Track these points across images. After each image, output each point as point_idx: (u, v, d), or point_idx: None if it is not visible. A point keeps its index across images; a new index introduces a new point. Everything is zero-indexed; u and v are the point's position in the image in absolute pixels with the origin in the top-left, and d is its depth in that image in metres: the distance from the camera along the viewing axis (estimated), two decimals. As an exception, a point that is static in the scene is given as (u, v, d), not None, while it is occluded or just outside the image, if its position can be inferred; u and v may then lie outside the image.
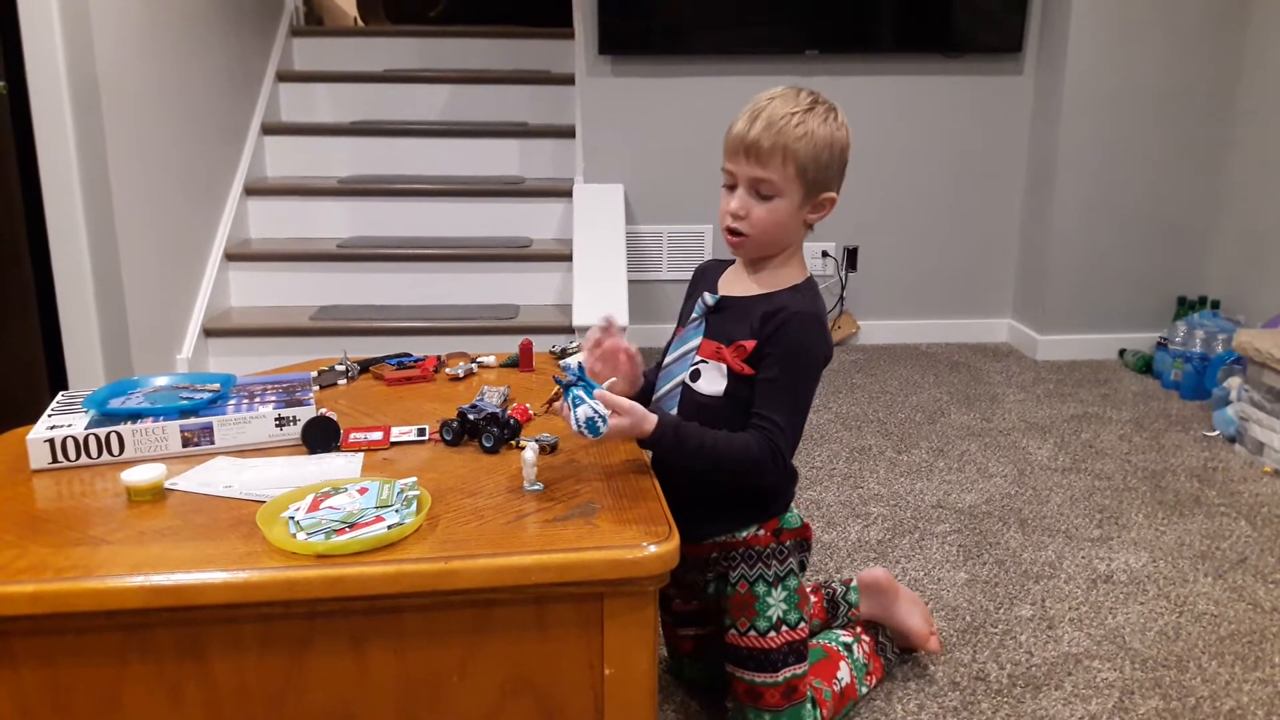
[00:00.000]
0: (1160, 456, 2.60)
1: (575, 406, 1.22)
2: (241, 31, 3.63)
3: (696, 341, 1.38)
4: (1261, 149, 3.22)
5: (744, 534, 1.39)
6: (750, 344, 1.32)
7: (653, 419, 1.25)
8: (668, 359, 1.43)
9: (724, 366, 1.34)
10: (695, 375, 1.37)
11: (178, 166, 3.04)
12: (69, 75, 2.38)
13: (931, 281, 3.70)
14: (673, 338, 1.46)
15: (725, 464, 1.28)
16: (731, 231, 1.34)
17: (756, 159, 1.29)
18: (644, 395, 1.46)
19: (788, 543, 1.41)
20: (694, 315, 1.41)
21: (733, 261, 1.46)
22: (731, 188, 1.34)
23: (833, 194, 1.34)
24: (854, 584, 1.62)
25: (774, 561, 1.39)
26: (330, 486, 1.19)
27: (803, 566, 1.45)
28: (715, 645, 1.49)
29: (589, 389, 1.22)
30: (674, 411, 1.38)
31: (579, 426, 1.21)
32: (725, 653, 1.42)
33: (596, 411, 1.21)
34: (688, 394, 1.37)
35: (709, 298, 1.39)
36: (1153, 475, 2.47)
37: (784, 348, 1.30)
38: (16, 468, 1.31)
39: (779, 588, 1.39)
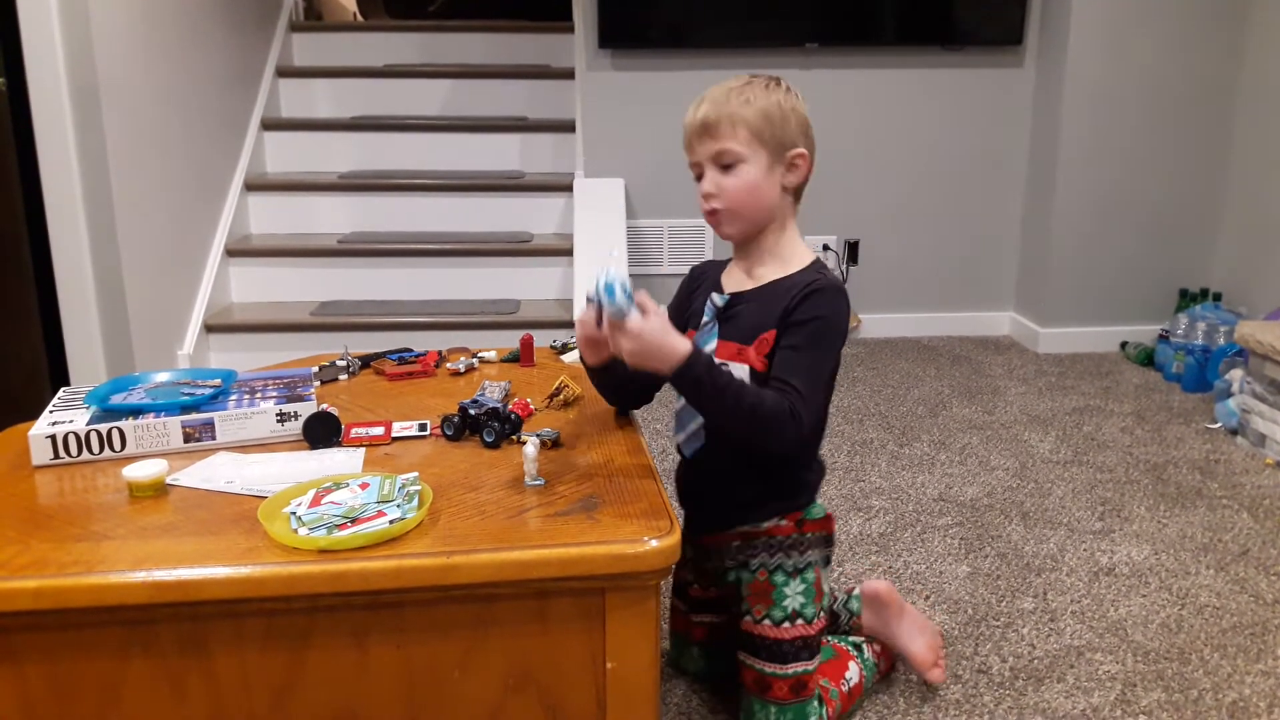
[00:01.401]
0: (1162, 449, 2.60)
1: (599, 279, 1.17)
2: (241, 27, 3.63)
3: (712, 345, 1.36)
4: (1263, 140, 3.21)
5: (767, 524, 1.40)
6: (771, 334, 1.31)
7: (686, 341, 1.20)
8: None
9: (746, 367, 1.32)
10: None
11: (178, 162, 3.04)
12: (68, 72, 2.38)
13: (933, 274, 3.69)
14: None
15: (745, 408, 1.21)
16: (710, 213, 1.36)
17: (708, 134, 1.33)
18: (634, 388, 1.46)
19: (809, 534, 1.41)
20: (705, 319, 1.39)
21: (728, 261, 1.46)
22: (698, 179, 1.37)
23: (801, 150, 1.35)
24: (856, 593, 1.61)
25: (794, 552, 1.40)
26: (332, 482, 1.19)
27: (826, 561, 1.45)
28: (728, 635, 1.50)
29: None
30: (701, 420, 1.37)
31: (597, 289, 1.16)
32: (738, 640, 1.42)
33: (621, 281, 1.16)
34: None
35: (718, 299, 1.38)
36: (1154, 468, 2.47)
37: (805, 317, 1.28)
38: (18, 464, 1.31)
39: (798, 579, 1.39)
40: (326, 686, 1.10)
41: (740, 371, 1.32)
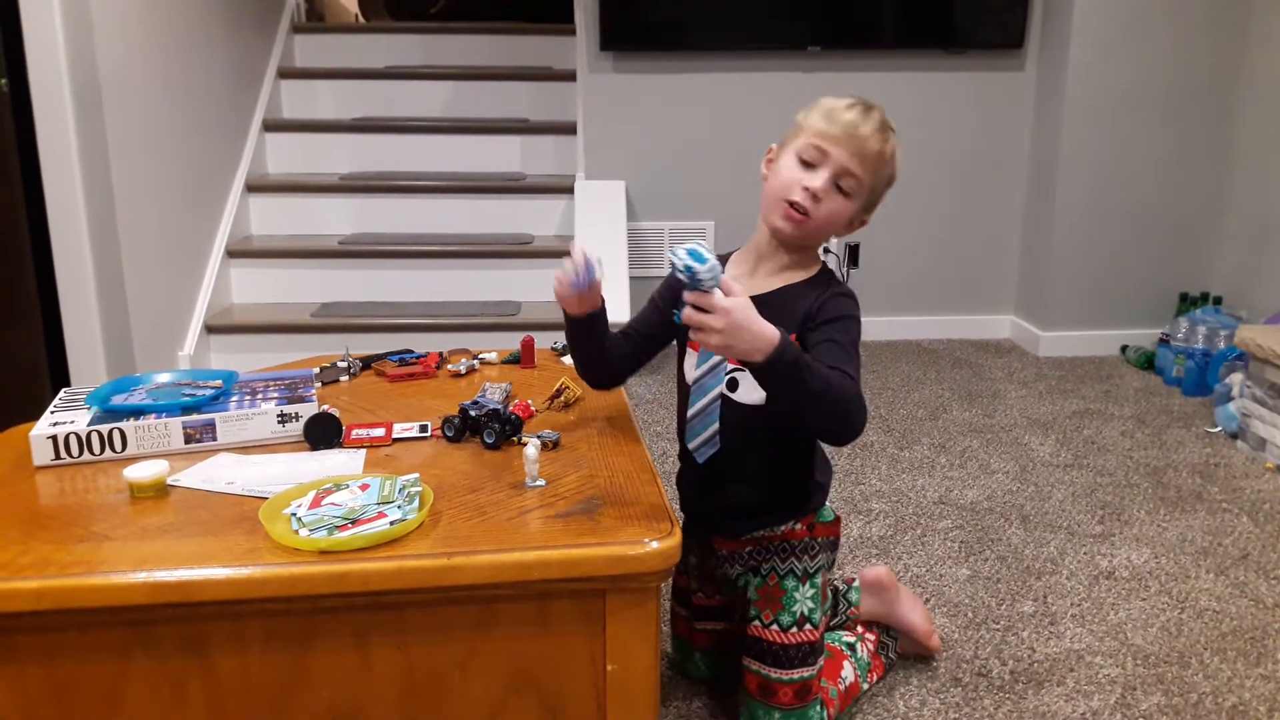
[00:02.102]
0: (1162, 453, 2.60)
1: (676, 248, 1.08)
2: (243, 28, 3.63)
3: None
4: (1264, 144, 3.22)
5: (782, 528, 1.40)
6: (792, 338, 1.30)
7: (772, 325, 1.13)
8: (697, 373, 1.38)
9: None
10: (733, 385, 1.35)
11: (179, 163, 3.04)
12: (70, 72, 2.38)
13: (933, 278, 3.69)
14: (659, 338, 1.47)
15: (835, 394, 1.19)
16: (797, 207, 1.29)
17: (860, 154, 1.28)
18: (614, 353, 1.45)
19: (820, 538, 1.42)
20: None
21: (725, 257, 1.45)
22: (808, 165, 1.30)
23: (869, 218, 1.37)
24: (856, 584, 1.62)
25: (805, 556, 1.41)
26: (332, 483, 1.19)
27: (830, 564, 1.46)
28: (732, 641, 1.50)
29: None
30: (715, 426, 1.37)
31: (676, 258, 1.07)
32: (744, 645, 1.42)
33: (705, 247, 1.07)
34: (729, 405, 1.35)
35: None
36: (1155, 471, 2.47)
37: (835, 315, 1.30)
38: (20, 464, 1.31)
39: (808, 584, 1.40)
40: (327, 688, 1.10)
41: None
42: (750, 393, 1.34)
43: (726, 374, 1.35)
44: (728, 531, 1.43)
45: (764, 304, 1.33)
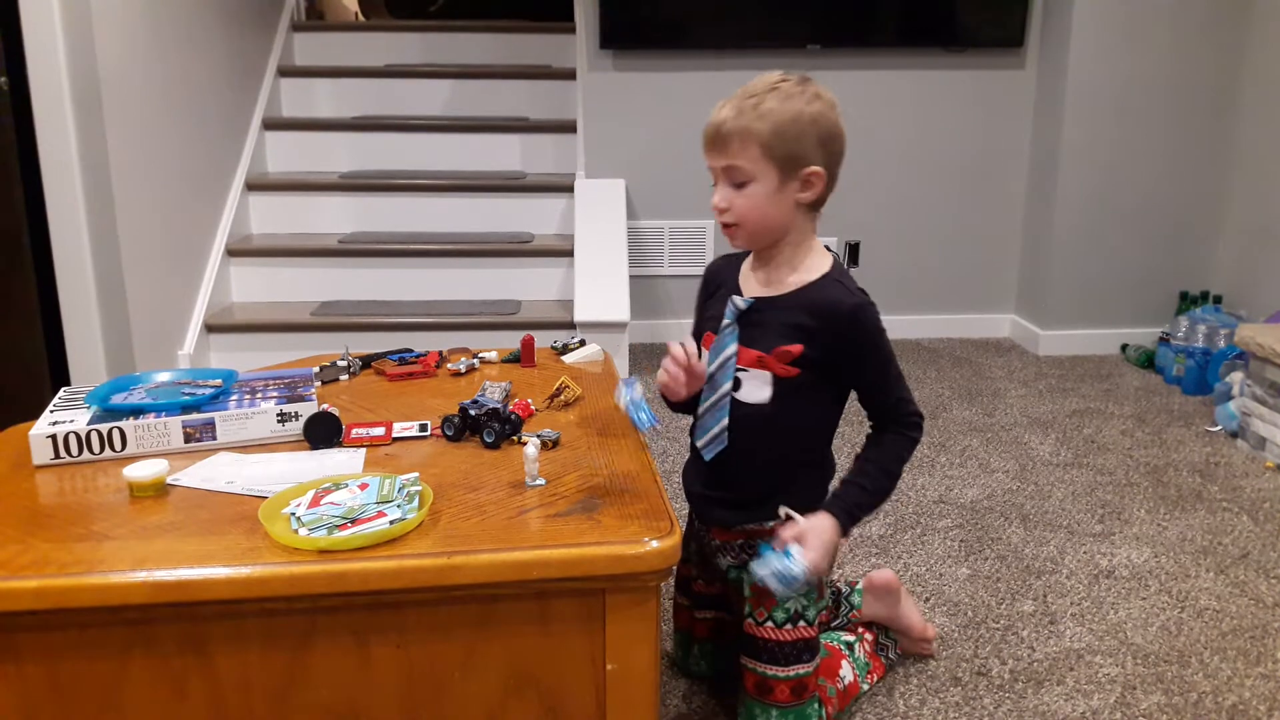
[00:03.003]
0: (1162, 452, 2.60)
1: (767, 565, 1.26)
2: (242, 26, 3.63)
3: (733, 348, 1.35)
4: (1265, 143, 3.21)
5: (773, 523, 1.40)
6: (796, 349, 1.31)
7: (829, 522, 1.29)
8: (710, 368, 1.38)
9: (768, 374, 1.33)
10: (736, 384, 1.35)
11: (179, 162, 3.04)
12: (70, 71, 2.38)
13: (934, 277, 3.69)
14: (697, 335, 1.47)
15: (896, 477, 1.37)
16: (724, 228, 1.35)
17: (720, 148, 1.30)
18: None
19: None
20: (726, 321, 1.36)
21: (743, 255, 1.45)
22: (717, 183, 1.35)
23: (815, 168, 1.30)
24: (859, 586, 1.62)
25: None
26: (332, 482, 1.19)
27: None
28: (731, 632, 1.50)
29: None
30: (724, 422, 1.36)
31: (773, 579, 1.26)
32: (741, 643, 1.42)
33: (796, 560, 1.25)
34: (735, 404, 1.36)
35: (740, 301, 1.35)
36: (1155, 470, 2.47)
37: (867, 340, 1.34)
38: (19, 463, 1.31)
39: None
40: (327, 687, 1.10)
41: (761, 379, 1.33)
42: (753, 392, 1.34)
43: (733, 373, 1.35)
44: (722, 521, 1.43)
45: (773, 305, 1.34)
